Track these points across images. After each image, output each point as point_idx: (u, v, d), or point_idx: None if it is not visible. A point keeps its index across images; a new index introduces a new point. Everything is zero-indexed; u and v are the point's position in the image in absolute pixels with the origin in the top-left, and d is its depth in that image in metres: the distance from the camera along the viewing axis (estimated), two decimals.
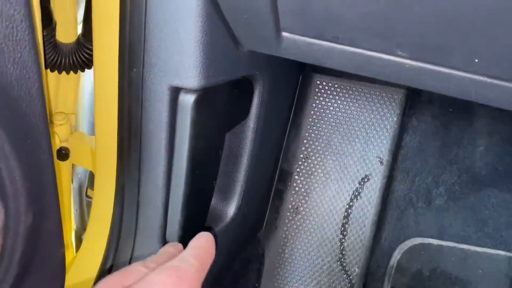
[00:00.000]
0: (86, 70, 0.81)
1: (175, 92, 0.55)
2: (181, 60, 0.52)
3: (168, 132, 0.58)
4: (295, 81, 0.97)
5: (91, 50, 0.75)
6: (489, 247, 1.04)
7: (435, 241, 1.05)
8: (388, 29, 0.43)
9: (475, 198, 1.06)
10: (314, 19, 0.46)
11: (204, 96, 0.56)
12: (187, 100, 0.55)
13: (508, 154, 1.05)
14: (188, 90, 0.55)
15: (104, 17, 0.56)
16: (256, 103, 0.68)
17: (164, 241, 0.67)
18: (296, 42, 0.51)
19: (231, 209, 0.75)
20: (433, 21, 0.40)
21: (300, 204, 1.04)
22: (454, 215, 1.06)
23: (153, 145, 0.59)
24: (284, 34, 0.50)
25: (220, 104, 0.61)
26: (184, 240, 0.67)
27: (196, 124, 0.57)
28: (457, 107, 1.05)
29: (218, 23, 0.52)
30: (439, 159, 1.06)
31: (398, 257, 1.05)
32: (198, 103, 0.56)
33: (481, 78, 0.45)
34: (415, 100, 1.05)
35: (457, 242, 1.05)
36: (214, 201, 0.74)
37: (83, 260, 0.75)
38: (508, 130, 1.05)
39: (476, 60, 0.42)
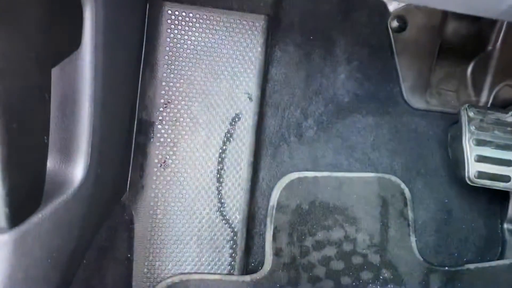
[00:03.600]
0: None
1: None
2: None
3: None
4: (141, 9, 0.81)
5: None
6: (360, 171, 1.06)
7: (310, 174, 1.04)
8: None
9: (342, 126, 1.06)
10: None
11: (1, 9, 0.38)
12: None
13: (366, 79, 1.06)
14: None
15: None
16: (89, 26, 0.51)
17: None
18: None
19: (78, 171, 0.59)
20: None
21: (168, 157, 0.91)
22: (325, 145, 1.05)
23: None
24: None
25: (31, 23, 0.43)
26: (14, 221, 0.50)
27: None
28: (317, 35, 1.02)
29: None
30: (305, 90, 1.03)
31: (277, 195, 1.01)
32: None
33: None
34: (276, 28, 0.98)
35: (330, 171, 1.05)
36: (52, 163, 0.57)
37: None
38: (365, 55, 1.05)
39: None
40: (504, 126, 0.96)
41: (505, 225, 1.12)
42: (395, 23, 1.05)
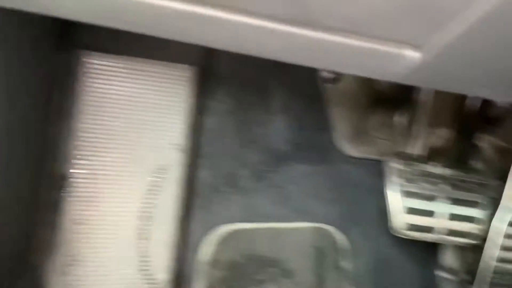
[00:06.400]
0: None
1: None
2: None
3: None
4: (52, 57, 0.77)
5: None
6: (296, 221, 1.04)
7: (245, 225, 1.00)
8: None
9: (278, 175, 1.04)
10: None
11: None
12: None
13: (302, 128, 1.07)
14: None
15: None
16: None
17: None
18: None
19: None
20: None
21: (83, 216, 0.84)
22: (261, 195, 1.02)
23: None
24: None
25: None
26: None
27: None
28: (252, 84, 1.01)
29: None
30: (240, 140, 1.01)
31: (210, 250, 0.96)
32: None
33: (261, 22, 0.35)
34: (208, 79, 0.96)
35: (267, 221, 1.02)
36: None
37: None
38: (301, 105, 1.06)
39: None
40: (430, 178, 0.97)
41: (436, 272, 1.12)
42: (327, 74, 1.06)
